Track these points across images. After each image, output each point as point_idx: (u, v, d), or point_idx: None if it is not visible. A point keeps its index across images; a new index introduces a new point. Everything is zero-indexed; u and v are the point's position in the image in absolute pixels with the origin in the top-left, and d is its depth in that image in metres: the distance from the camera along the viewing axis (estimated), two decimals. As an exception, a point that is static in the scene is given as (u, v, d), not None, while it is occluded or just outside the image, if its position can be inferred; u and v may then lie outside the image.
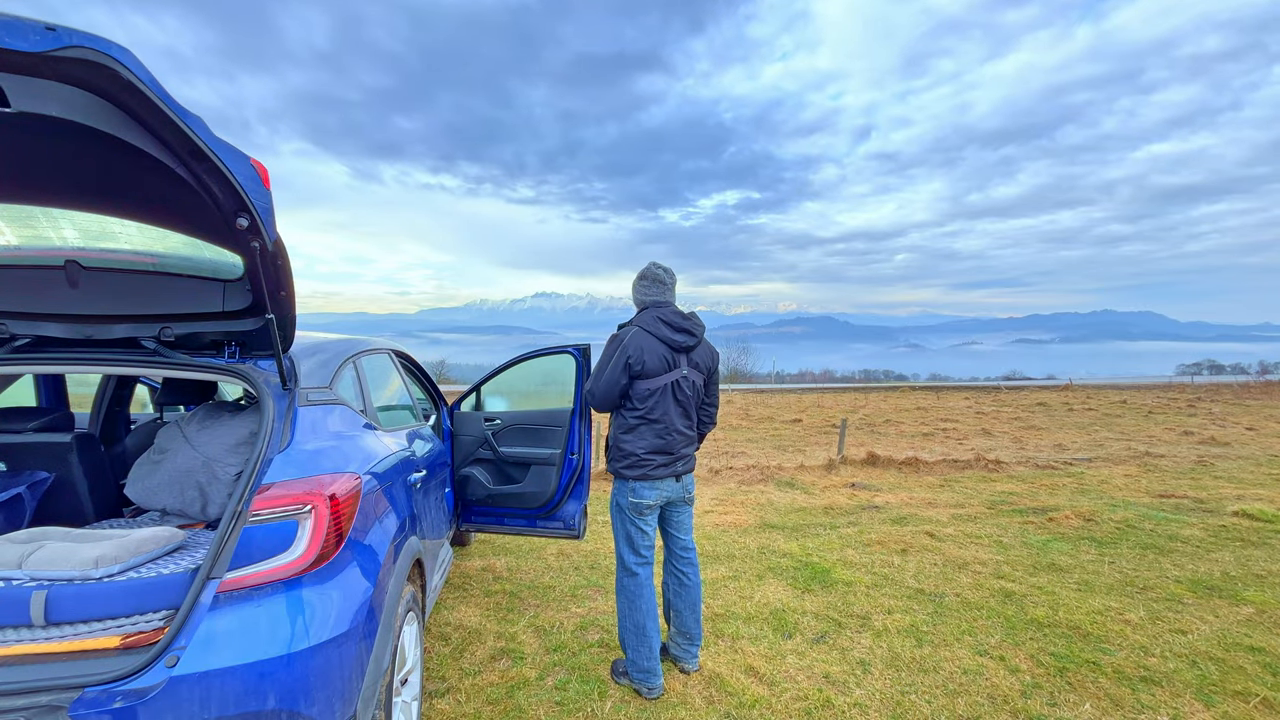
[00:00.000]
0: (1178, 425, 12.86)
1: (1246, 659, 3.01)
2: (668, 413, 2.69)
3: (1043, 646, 3.14)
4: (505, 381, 3.87)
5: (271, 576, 1.61)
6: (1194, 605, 3.66)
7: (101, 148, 1.37)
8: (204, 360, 1.99)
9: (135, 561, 1.73)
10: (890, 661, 2.99)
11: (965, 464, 8.23)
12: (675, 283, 2.85)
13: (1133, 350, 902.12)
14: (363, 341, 2.81)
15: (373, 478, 2.06)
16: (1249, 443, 10.39)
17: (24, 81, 1.19)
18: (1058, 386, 25.26)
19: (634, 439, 2.69)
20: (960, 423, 14.11)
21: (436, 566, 2.87)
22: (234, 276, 1.94)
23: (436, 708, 2.58)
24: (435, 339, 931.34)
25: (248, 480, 1.69)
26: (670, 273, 2.84)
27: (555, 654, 3.06)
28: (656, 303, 2.77)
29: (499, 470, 3.69)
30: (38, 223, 1.77)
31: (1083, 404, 18.21)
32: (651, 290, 2.80)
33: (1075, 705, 2.64)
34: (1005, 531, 5.22)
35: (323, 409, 2.07)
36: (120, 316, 2.00)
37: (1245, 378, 28.49)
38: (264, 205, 1.54)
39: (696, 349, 2.77)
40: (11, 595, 1.55)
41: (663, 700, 2.66)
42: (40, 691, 1.38)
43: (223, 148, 1.40)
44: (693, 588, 2.91)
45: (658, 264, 2.86)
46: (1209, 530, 5.17)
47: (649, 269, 2.83)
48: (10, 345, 1.97)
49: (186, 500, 2.32)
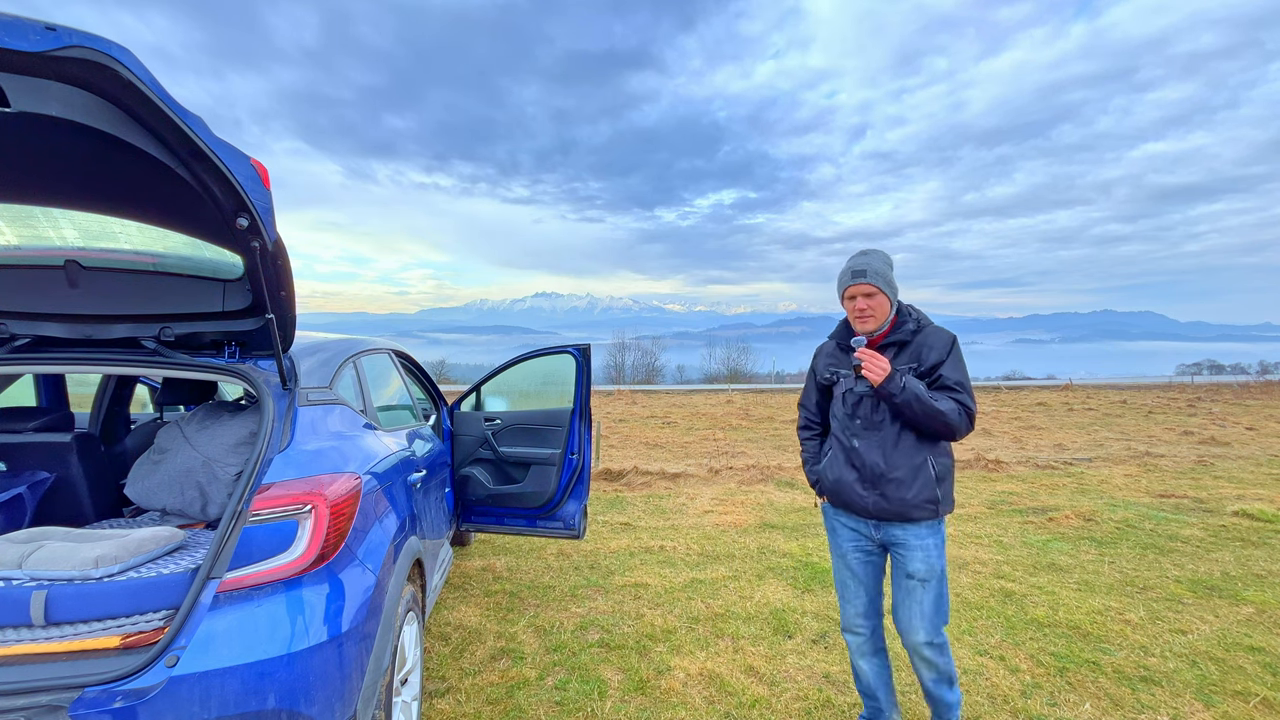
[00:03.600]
0: (1178, 425, 12.85)
1: (1246, 659, 3.01)
2: None
3: (1043, 646, 3.14)
4: (505, 381, 3.87)
5: (271, 576, 1.61)
6: (1194, 605, 3.66)
7: (101, 148, 1.37)
8: (204, 360, 1.99)
9: (135, 561, 1.73)
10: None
11: (965, 464, 8.23)
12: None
13: (1133, 350, 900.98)
14: (363, 341, 2.81)
15: (373, 478, 2.06)
16: (1249, 443, 10.38)
17: (24, 81, 1.19)
18: (1058, 386, 25.25)
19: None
20: (960, 423, 14.10)
21: (436, 566, 2.87)
22: (234, 276, 1.94)
23: (436, 708, 2.58)
24: (435, 339, 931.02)
25: (248, 480, 1.69)
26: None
27: (555, 654, 3.05)
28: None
29: (499, 470, 3.69)
30: (38, 223, 1.77)
31: (1083, 404, 18.20)
32: None
33: (1075, 705, 2.64)
34: (1005, 531, 5.22)
35: (323, 409, 2.07)
36: (120, 316, 2.00)
37: (1245, 378, 28.48)
38: (264, 205, 1.54)
39: None
40: (11, 595, 1.55)
41: (663, 700, 2.66)
42: (40, 691, 1.38)
43: (222, 147, 1.40)
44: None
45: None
46: (1209, 530, 5.17)
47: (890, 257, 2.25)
48: (10, 345, 1.97)
49: (186, 500, 2.32)
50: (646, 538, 5.00)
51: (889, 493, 2.10)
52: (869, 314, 2.12)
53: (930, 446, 2.11)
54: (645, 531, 5.23)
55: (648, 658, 3.02)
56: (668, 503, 6.31)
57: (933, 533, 2.12)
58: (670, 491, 6.82)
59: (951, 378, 2.06)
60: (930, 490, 2.08)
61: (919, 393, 2.02)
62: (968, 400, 2.05)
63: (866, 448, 2.15)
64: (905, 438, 2.10)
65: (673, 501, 6.35)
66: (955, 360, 2.08)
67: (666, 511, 5.96)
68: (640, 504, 6.26)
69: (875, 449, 2.13)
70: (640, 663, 2.96)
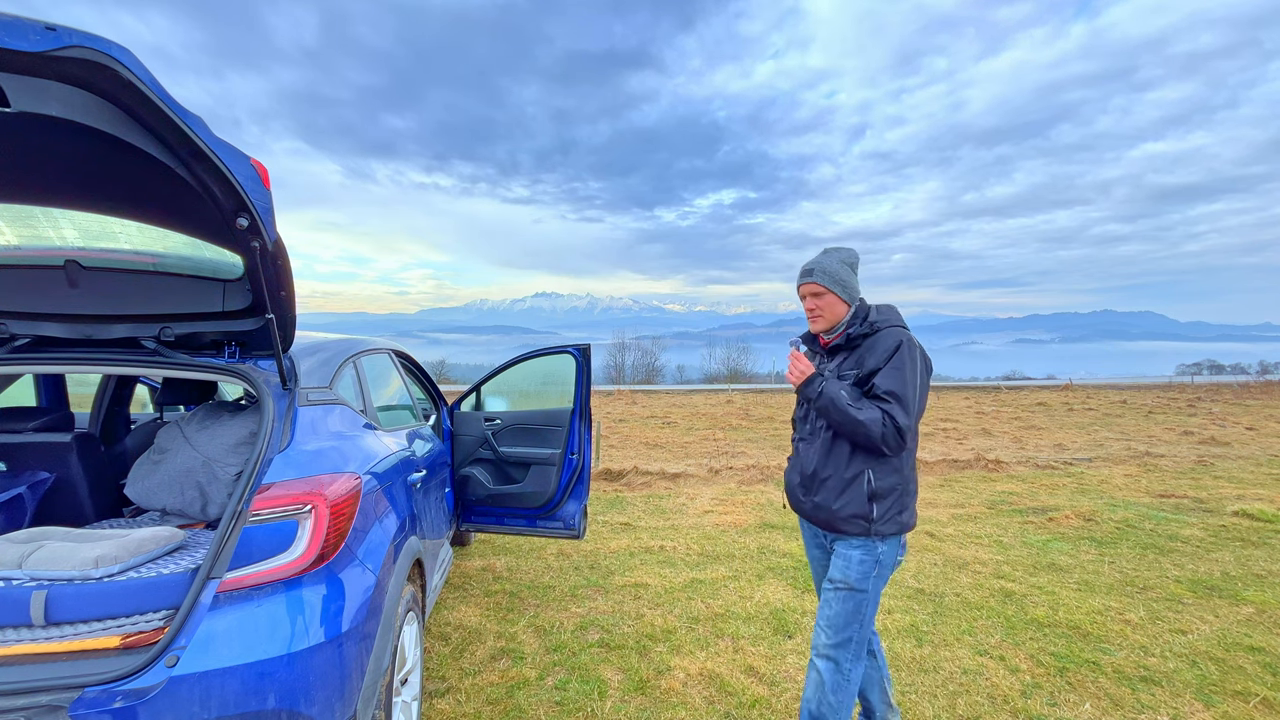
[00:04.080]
0: (1178, 425, 12.85)
1: (1246, 659, 3.01)
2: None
3: (1043, 646, 3.14)
4: (505, 381, 3.87)
5: (271, 576, 1.61)
6: (1194, 605, 3.66)
7: (101, 148, 1.37)
8: (204, 360, 1.99)
9: (135, 561, 1.73)
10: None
11: (965, 464, 8.23)
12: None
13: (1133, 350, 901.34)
14: (363, 341, 2.81)
15: (373, 478, 2.06)
16: (1249, 443, 10.38)
17: (24, 81, 1.19)
18: (1058, 386, 25.26)
19: (912, 476, 2.03)
20: (960, 422, 14.11)
21: (436, 566, 2.87)
22: (234, 276, 1.94)
23: (436, 708, 2.58)
24: (435, 339, 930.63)
25: (248, 480, 1.69)
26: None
27: (555, 654, 3.05)
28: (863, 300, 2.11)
29: (499, 470, 3.69)
30: (38, 223, 1.77)
31: (1083, 404, 18.20)
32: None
33: (1075, 705, 2.64)
34: (1005, 531, 5.22)
35: (323, 409, 2.07)
36: (120, 316, 2.00)
37: (1245, 378, 28.49)
38: (264, 205, 1.54)
39: None
40: (11, 595, 1.55)
41: (663, 700, 2.66)
42: (40, 691, 1.38)
43: (223, 147, 1.40)
44: (881, 647, 2.33)
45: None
46: (1209, 530, 5.17)
47: (856, 257, 2.10)
48: (10, 345, 1.97)
49: (186, 500, 2.32)
50: (646, 538, 5.00)
51: (819, 500, 2.04)
52: (818, 314, 2.05)
53: (870, 459, 1.95)
54: (645, 531, 5.23)
55: (648, 658, 3.02)
56: (668, 503, 6.31)
57: (864, 550, 1.98)
58: (670, 491, 6.82)
59: (883, 386, 1.89)
60: (860, 506, 1.95)
61: (835, 398, 1.92)
62: (897, 413, 1.85)
63: (806, 451, 2.11)
64: (839, 446, 2.00)
65: (673, 501, 6.35)
66: (894, 368, 1.90)
67: (666, 511, 5.96)
68: (640, 504, 6.26)
69: (813, 454, 2.07)
70: (640, 663, 2.96)
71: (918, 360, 1.92)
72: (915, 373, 1.91)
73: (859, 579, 1.99)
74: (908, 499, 2.00)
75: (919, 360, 1.92)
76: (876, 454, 1.94)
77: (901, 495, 1.98)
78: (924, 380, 1.94)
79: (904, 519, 1.98)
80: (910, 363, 1.90)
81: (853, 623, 2.00)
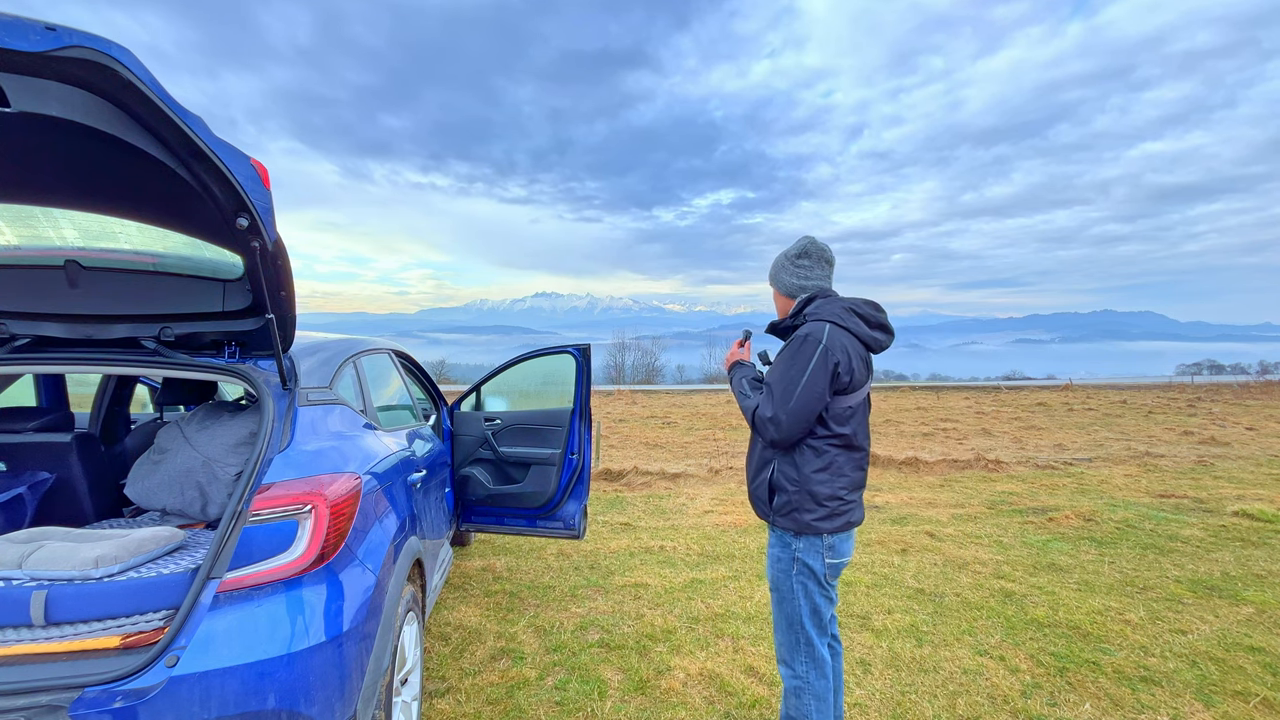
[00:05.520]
0: (1178, 425, 12.86)
1: (1246, 659, 3.01)
2: (866, 436, 2.07)
3: (1043, 646, 3.14)
4: (505, 381, 3.87)
5: (271, 576, 1.61)
6: (1194, 605, 3.66)
7: (101, 148, 1.37)
8: (204, 360, 1.99)
9: (135, 561, 1.73)
10: (890, 661, 2.99)
11: (965, 464, 8.23)
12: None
13: (1133, 350, 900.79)
14: (363, 341, 2.81)
15: (373, 478, 2.06)
16: (1249, 443, 10.38)
17: (24, 81, 1.19)
18: (1058, 386, 25.25)
19: (832, 477, 1.96)
20: (960, 422, 14.11)
21: (436, 566, 2.87)
22: (234, 276, 1.94)
23: (436, 708, 2.58)
24: (435, 339, 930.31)
25: (248, 480, 1.69)
26: (831, 250, 2.18)
27: (555, 654, 3.05)
28: (824, 290, 2.11)
29: (499, 470, 3.69)
30: (38, 223, 1.77)
31: (1083, 404, 18.20)
32: (815, 273, 2.12)
33: (1075, 705, 2.64)
34: (1005, 531, 5.22)
35: (323, 409, 2.07)
36: (120, 316, 2.00)
37: (1245, 378, 28.49)
38: (264, 205, 1.54)
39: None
40: (11, 595, 1.55)
41: (663, 700, 2.66)
42: (40, 691, 1.38)
43: (222, 147, 1.40)
44: (840, 656, 2.26)
45: (816, 240, 2.15)
46: (1209, 530, 5.17)
47: (810, 245, 2.12)
48: (10, 345, 1.97)
49: (186, 500, 2.32)
50: (646, 538, 5.00)
51: (749, 485, 2.15)
52: (777, 308, 2.25)
53: (778, 453, 1.99)
54: (645, 531, 5.23)
55: (648, 658, 3.02)
56: (668, 503, 6.31)
57: (780, 544, 2.03)
58: (670, 491, 6.82)
59: (766, 377, 1.99)
60: (762, 491, 2.04)
61: (736, 385, 2.11)
62: (764, 402, 1.91)
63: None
64: (756, 435, 2.10)
65: (673, 501, 6.36)
66: (784, 359, 1.93)
67: (666, 511, 5.96)
68: (640, 504, 6.26)
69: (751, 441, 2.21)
70: (640, 663, 2.96)
71: (809, 355, 1.88)
72: (798, 367, 1.89)
73: (776, 576, 2.06)
74: (807, 501, 1.95)
75: (812, 355, 1.88)
76: (796, 450, 1.99)
77: (799, 495, 1.96)
78: (813, 376, 1.88)
79: (803, 519, 1.95)
80: (795, 357, 1.90)
81: (785, 626, 2.06)
